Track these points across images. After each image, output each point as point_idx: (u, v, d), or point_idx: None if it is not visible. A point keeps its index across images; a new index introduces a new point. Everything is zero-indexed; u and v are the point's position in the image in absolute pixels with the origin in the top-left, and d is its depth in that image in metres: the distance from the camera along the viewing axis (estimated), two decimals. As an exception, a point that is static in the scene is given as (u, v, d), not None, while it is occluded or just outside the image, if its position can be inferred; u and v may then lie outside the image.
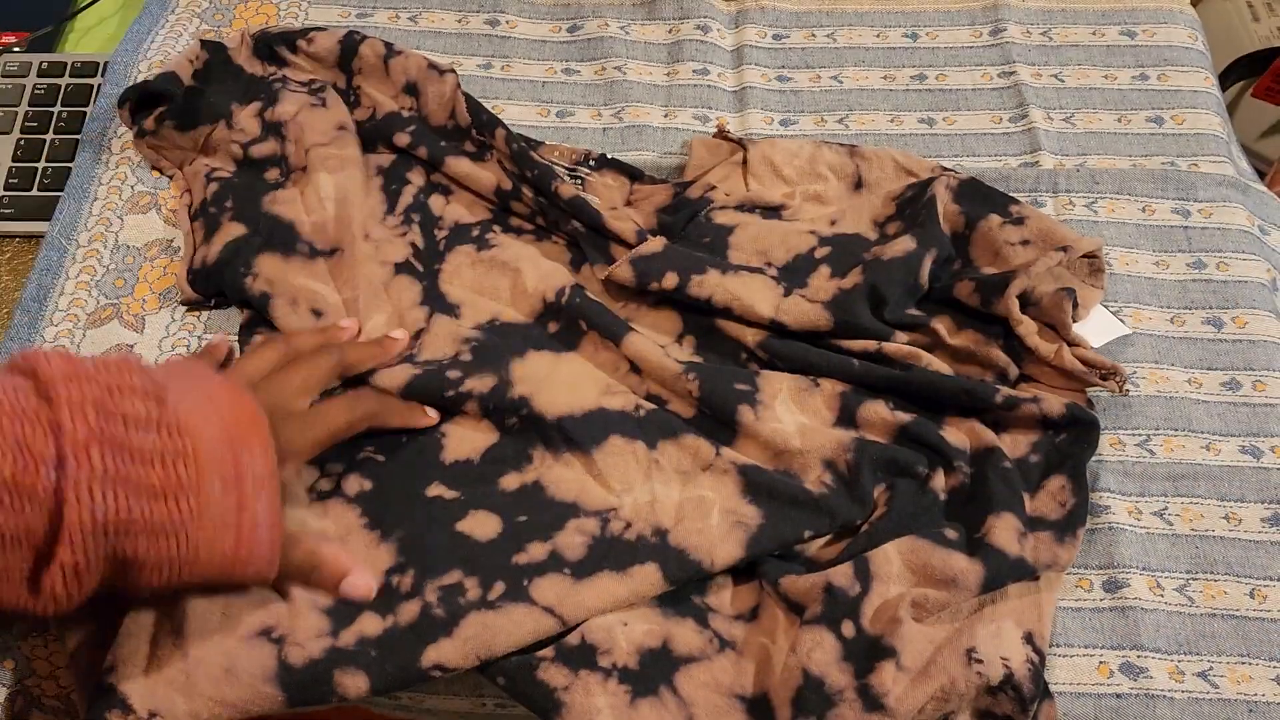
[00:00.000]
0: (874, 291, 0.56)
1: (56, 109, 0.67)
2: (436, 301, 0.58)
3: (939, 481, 0.51)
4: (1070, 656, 0.49)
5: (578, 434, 0.52)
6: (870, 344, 0.55)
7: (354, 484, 0.51)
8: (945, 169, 0.63)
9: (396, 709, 0.52)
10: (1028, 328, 0.55)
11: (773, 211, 0.62)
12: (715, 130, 0.66)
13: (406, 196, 0.61)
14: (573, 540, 0.49)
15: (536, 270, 0.58)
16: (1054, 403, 0.53)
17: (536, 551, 0.49)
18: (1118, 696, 0.48)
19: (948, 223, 0.59)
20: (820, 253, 0.59)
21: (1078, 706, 0.47)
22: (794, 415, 0.53)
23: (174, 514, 0.38)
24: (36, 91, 0.68)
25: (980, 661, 0.45)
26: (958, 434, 0.53)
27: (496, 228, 0.61)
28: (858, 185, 0.63)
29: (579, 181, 0.64)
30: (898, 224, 0.60)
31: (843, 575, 0.47)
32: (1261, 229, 0.63)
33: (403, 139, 0.63)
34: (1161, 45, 0.71)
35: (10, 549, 0.35)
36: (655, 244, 0.58)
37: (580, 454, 0.52)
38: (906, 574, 0.48)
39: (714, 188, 0.63)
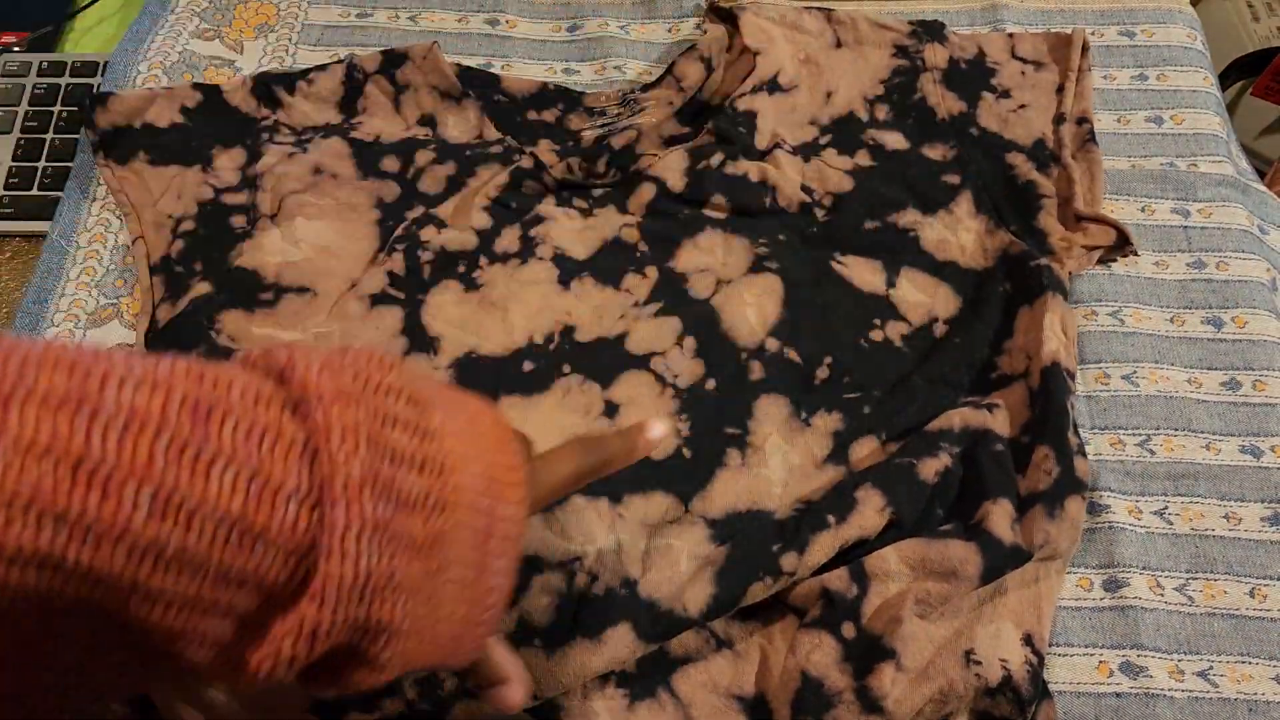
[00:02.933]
0: (890, 176, 0.62)
1: (56, 109, 0.67)
2: (416, 335, 0.56)
3: (926, 470, 0.50)
4: (1070, 656, 0.49)
5: None
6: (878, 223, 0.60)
7: None
8: (914, 25, 0.68)
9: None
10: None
11: (777, 87, 0.66)
12: (707, 4, 0.72)
13: (399, 230, 0.60)
14: (539, 602, 0.47)
15: (524, 310, 0.57)
16: (1034, 377, 0.54)
17: (503, 622, 0.46)
18: (1118, 696, 0.48)
19: (947, 107, 0.65)
20: (824, 139, 0.65)
21: (1078, 706, 0.47)
22: (784, 457, 0.52)
23: (428, 571, 0.30)
24: (36, 91, 0.68)
25: (979, 663, 0.45)
26: (946, 421, 0.53)
27: (484, 259, 0.59)
28: (837, 44, 0.69)
29: (634, 104, 0.67)
30: (885, 108, 0.65)
31: (839, 579, 0.47)
32: (1261, 228, 0.63)
33: (425, 155, 0.62)
34: (1161, 45, 0.71)
35: (229, 589, 0.27)
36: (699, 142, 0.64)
37: (540, 512, 0.50)
38: (904, 570, 0.48)
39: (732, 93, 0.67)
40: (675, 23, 0.73)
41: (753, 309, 0.57)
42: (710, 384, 0.55)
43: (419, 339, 0.56)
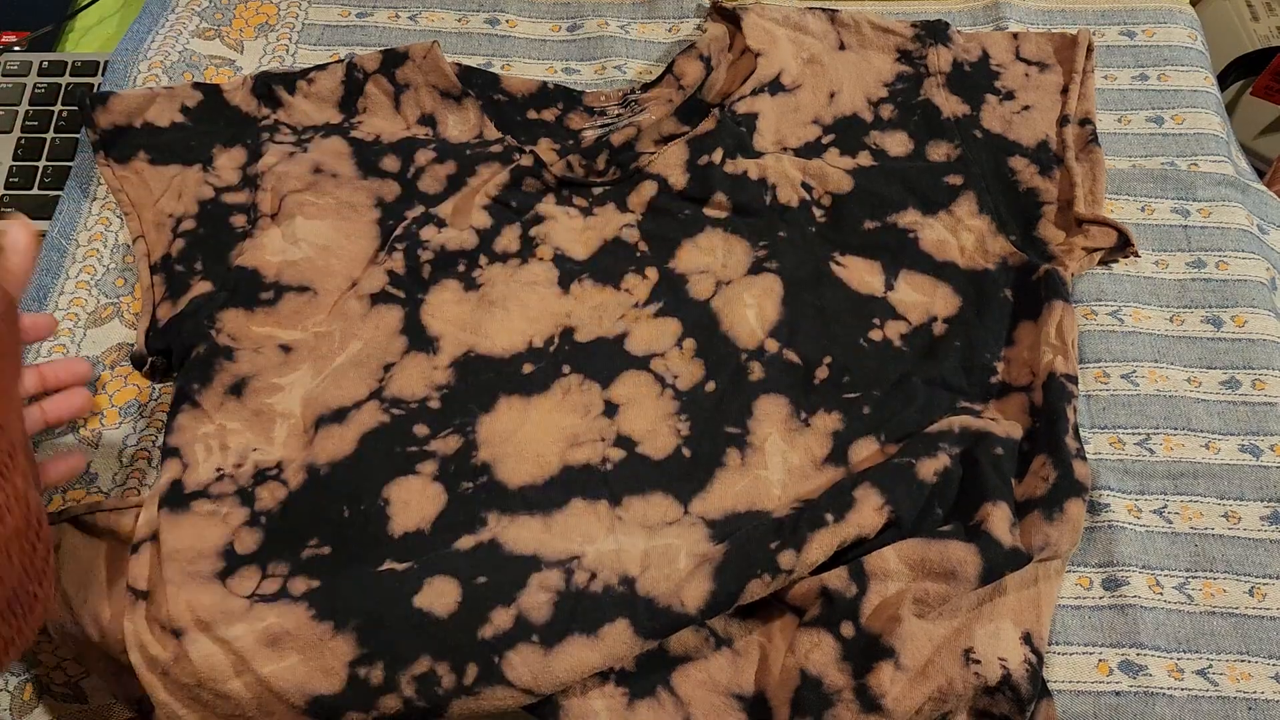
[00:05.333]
0: (892, 177, 0.62)
1: (57, 108, 0.68)
2: (416, 333, 0.56)
3: (925, 470, 0.50)
4: (1069, 654, 0.49)
5: (537, 499, 0.51)
6: (876, 224, 0.60)
7: (300, 584, 0.48)
8: (917, 27, 0.68)
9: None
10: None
11: (780, 87, 0.66)
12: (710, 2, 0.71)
13: (399, 229, 0.60)
14: (537, 599, 0.46)
15: (524, 312, 0.57)
16: (1038, 394, 0.54)
17: (501, 620, 0.46)
18: (1117, 694, 0.48)
19: (951, 110, 0.65)
20: (826, 139, 0.64)
21: (1077, 704, 0.47)
22: (783, 458, 0.53)
23: None
24: (37, 91, 0.68)
25: (978, 662, 0.45)
26: (945, 424, 0.53)
27: (483, 259, 0.59)
28: (840, 47, 0.69)
29: (635, 104, 0.67)
30: (889, 107, 0.65)
31: (838, 579, 0.47)
32: (1261, 228, 0.63)
33: (425, 155, 0.62)
34: (1161, 45, 0.71)
35: None
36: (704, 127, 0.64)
37: (540, 515, 0.50)
38: (904, 570, 0.48)
39: (731, 95, 0.67)
40: (676, 23, 0.73)
41: (752, 310, 0.57)
42: (710, 386, 0.55)
43: (418, 338, 0.56)
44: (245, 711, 0.45)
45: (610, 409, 0.54)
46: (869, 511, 0.48)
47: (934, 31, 0.68)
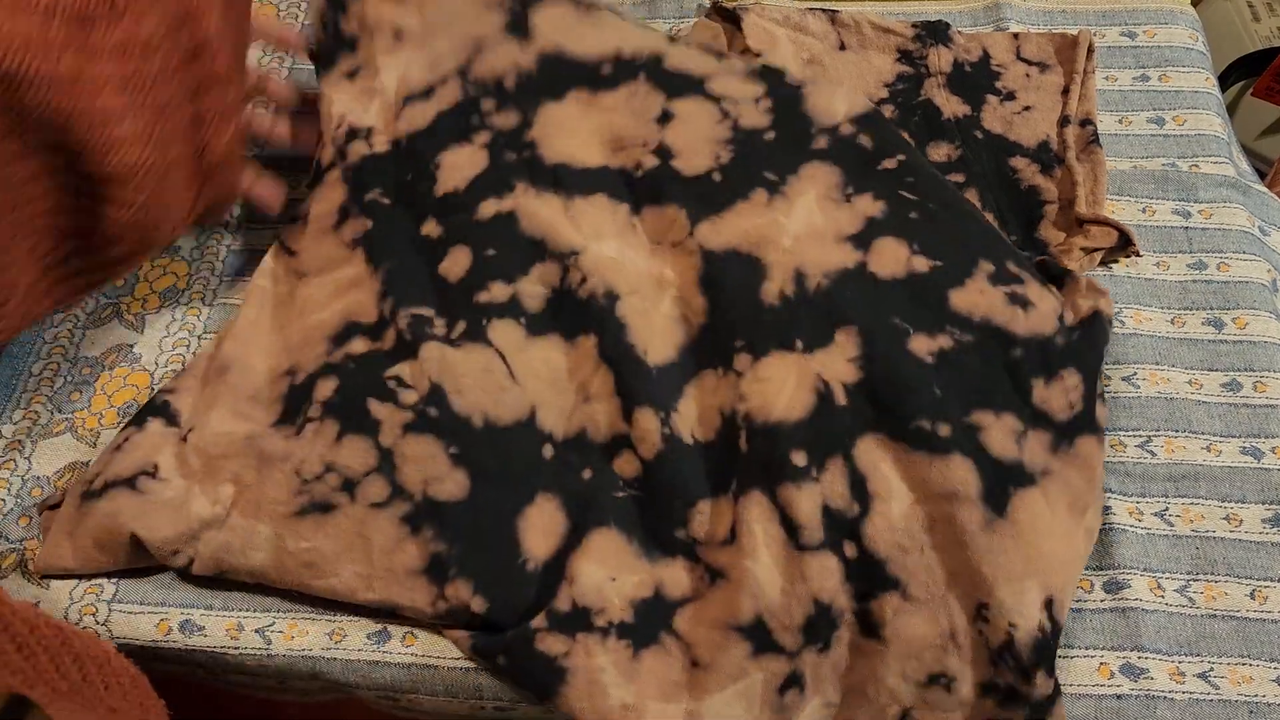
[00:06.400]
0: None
1: (56, 108, 0.67)
2: (517, 25, 0.59)
3: (922, 344, 0.50)
4: (1070, 657, 0.49)
5: (568, 181, 0.55)
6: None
7: (359, 225, 0.55)
8: (918, 28, 0.68)
9: (395, 710, 0.52)
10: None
11: None
12: (710, 3, 0.71)
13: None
14: (535, 289, 0.53)
15: (620, 31, 0.61)
16: (1083, 284, 0.54)
17: (499, 292, 0.52)
18: (1118, 698, 0.47)
19: (951, 110, 0.65)
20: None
21: (1078, 708, 0.47)
22: (809, 214, 0.54)
23: None
24: (36, 90, 0.68)
25: (986, 621, 0.45)
26: (969, 300, 0.52)
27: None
28: (841, 47, 0.69)
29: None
30: (890, 108, 0.66)
31: (839, 497, 0.47)
32: (1262, 229, 0.63)
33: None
34: (1162, 46, 0.71)
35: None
36: None
37: (562, 196, 0.55)
38: (905, 489, 0.48)
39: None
40: (675, 23, 0.73)
41: (842, 96, 0.59)
42: (771, 135, 0.57)
43: (518, 28, 0.60)
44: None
45: (665, 117, 0.58)
46: (839, 359, 0.49)
47: (934, 32, 0.68)
